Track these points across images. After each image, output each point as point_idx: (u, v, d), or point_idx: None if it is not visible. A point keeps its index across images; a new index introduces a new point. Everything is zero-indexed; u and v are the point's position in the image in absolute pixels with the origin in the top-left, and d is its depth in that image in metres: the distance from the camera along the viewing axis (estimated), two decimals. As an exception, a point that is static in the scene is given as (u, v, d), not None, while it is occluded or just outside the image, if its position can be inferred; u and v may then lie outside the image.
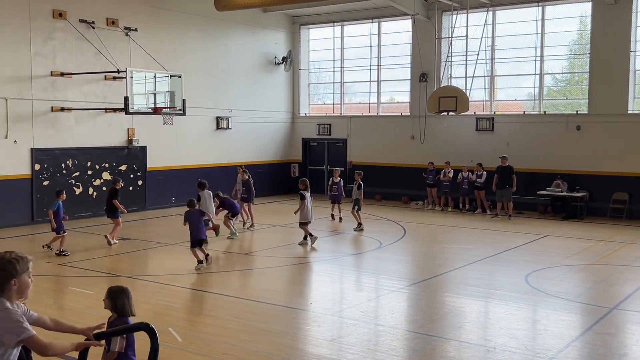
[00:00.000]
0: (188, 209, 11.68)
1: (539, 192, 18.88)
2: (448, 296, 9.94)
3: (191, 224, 11.48)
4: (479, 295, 10.00)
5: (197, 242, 11.57)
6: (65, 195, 13.30)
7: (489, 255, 12.93)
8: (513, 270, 11.64)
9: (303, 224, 13.80)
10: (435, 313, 8.88)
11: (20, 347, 3.94)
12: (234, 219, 14.80)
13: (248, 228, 16.01)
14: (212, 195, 14.25)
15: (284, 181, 24.19)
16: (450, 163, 20.08)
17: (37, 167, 16.55)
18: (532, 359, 6.98)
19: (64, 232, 12.81)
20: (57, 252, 12.74)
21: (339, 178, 17.58)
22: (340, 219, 17.23)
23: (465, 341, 7.61)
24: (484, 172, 19.22)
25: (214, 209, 14.26)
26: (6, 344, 3.83)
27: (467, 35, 20.23)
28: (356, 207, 16.16)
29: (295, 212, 14.01)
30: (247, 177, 16.43)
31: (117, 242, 13.79)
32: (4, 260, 3.88)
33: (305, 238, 13.77)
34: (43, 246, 13.19)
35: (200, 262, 11.49)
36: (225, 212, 14.70)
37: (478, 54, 20.18)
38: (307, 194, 13.86)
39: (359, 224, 15.92)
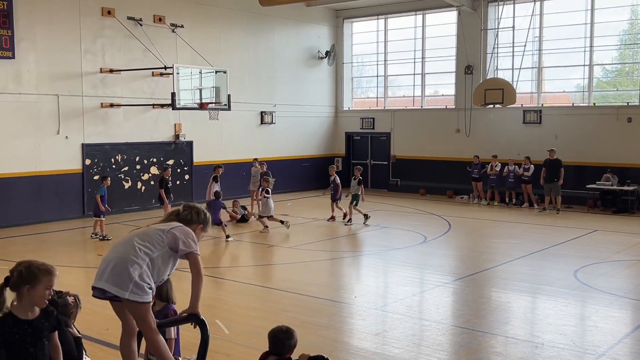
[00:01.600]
0: (214, 198, 14.55)
1: (588, 186, 18.47)
2: (495, 291, 9.83)
3: (211, 209, 13.83)
4: (527, 290, 9.86)
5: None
6: (109, 181, 14.35)
7: (537, 250, 12.72)
8: (561, 265, 11.43)
9: (263, 217, 14.93)
10: (482, 308, 8.80)
11: (173, 266, 4.66)
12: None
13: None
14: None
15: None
16: (497, 156, 19.79)
17: (87, 162, 16.99)
18: (582, 356, 6.87)
19: (104, 216, 13.86)
20: (101, 236, 13.62)
21: (334, 175, 16.58)
22: (333, 218, 16.20)
23: (512, 337, 7.52)
24: (532, 166, 18.89)
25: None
26: (178, 253, 4.58)
27: (513, 27, 19.89)
28: (354, 202, 15.86)
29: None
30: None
31: None
32: (202, 209, 4.90)
33: (266, 226, 14.85)
34: (91, 235, 13.99)
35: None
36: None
37: (525, 45, 19.79)
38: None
39: (349, 219, 15.81)
